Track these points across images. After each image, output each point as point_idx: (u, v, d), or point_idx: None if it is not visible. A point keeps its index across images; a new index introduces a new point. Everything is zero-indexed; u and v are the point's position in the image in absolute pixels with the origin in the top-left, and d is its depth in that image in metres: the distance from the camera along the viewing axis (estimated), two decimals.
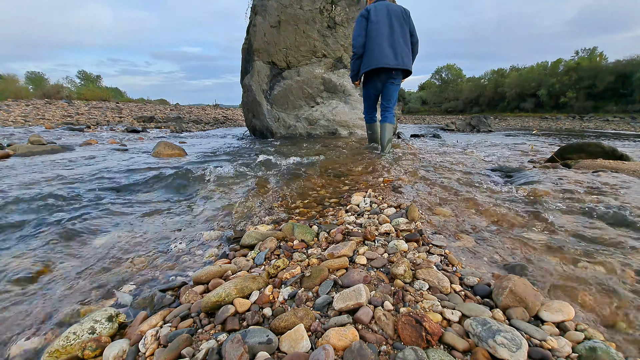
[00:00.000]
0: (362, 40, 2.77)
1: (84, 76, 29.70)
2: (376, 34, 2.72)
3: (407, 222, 1.26)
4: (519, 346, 0.61)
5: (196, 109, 19.27)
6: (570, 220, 1.45)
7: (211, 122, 11.50)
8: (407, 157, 3.12)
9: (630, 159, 2.89)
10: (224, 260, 1.16)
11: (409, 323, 0.67)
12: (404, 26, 2.83)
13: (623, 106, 24.39)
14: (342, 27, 5.33)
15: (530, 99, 31.16)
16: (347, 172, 2.42)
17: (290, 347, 0.66)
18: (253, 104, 5.43)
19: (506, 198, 1.79)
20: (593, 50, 29.68)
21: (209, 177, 2.34)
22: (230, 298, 0.83)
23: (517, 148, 5.19)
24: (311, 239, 1.24)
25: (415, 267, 0.95)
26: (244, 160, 3.05)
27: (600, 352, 0.62)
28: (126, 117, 11.33)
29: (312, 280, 0.91)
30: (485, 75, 38.84)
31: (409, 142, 5.26)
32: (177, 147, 3.81)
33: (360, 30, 2.76)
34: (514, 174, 2.41)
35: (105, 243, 1.36)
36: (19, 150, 3.53)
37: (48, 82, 23.17)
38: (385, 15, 2.75)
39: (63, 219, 1.57)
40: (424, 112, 40.55)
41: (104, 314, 0.83)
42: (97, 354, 0.74)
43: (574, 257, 1.12)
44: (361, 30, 2.76)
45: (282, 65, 5.30)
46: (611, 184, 1.96)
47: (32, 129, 6.75)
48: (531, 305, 0.77)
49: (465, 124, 12.17)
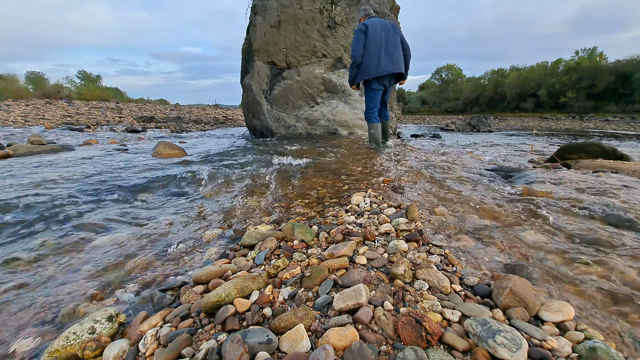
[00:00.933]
0: (361, 52, 3.21)
1: (84, 76, 29.68)
2: (374, 47, 3.18)
3: (407, 222, 1.26)
4: (519, 346, 0.61)
5: (196, 109, 19.27)
6: (570, 220, 1.45)
7: (211, 122, 11.50)
8: (407, 157, 3.12)
9: (630, 159, 2.89)
10: (224, 260, 1.16)
11: (409, 323, 0.67)
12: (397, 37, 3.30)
13: (623, 106, 24.38)
14: (342, 27, 5.33)
15: (530, 99, 31.15)
16: (347, 172, 2.42)
17: (290, 347, 0.66)
18: (253, 104, 5.43)
19: (506, 198, 1.79)
20: (593, 50, 29.66)
21: (209, 177, 2.34)
22: (230, 298, 0.83)
23: (517, 148, 5.19)
24: (311, 239, 1.24)
25: (415, 267, 0.95)
26: (243, 160, 3.05)
27: (600, 352, 0.62)
28: (126, 117, 11.33)
29: (312, 280, 0.91)
30: (485, 75, 38.83)
31: (409, 142, 5.26)
32: (177, 147, 3.81)
33: (359, 43, 3.19)
34: (514, 174, 2.41)
35: (105, 243, 1.36)
36: (19, 151, 3.53)
37: (48, 82, 23.16)
38: (380, 29, 3.21)
39: (62, 219, 1.57)
40: (424, 112, 40.54)
41: (104, 314, 0.83)
42: (97, 354, 0.74)
43: (574, 257, 1.12)
44: (360, 43, 3.19)
45: (282, 65, 5.30)
46: (611, 184, 1.96)
47: (32, 129, 6.75)
48: (531, 305, 0.77)
49: (465, 124, 12.17)
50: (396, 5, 6.23)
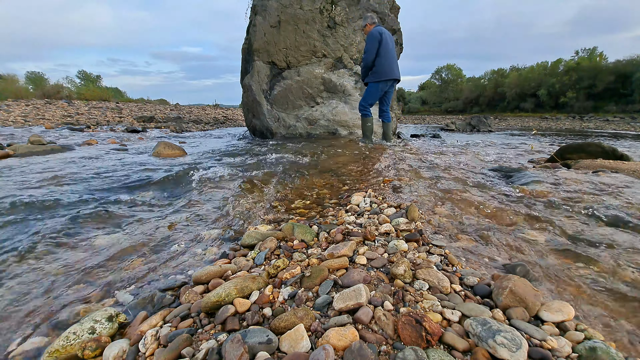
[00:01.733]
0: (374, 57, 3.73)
1: (84, 76, 29.64)
2: (385, 53, 3.72)
3: (407, 222, 1.26)
4: (519, 346, 0.61)
5: (196, 109, 19.26)
6: (570, 220, 1.45)
7: (211, 122, 11.49)
8: (407, 157, 3.13)
9: (630, 159, 2.89)
10: (224, 260, 1.16)
11: (409, 323, 0.67)
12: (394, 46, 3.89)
13: (623, 106, 24.37)
14: (342, 27, 5.33)
15: (530, 99, 31.14)
16: (347, 172, 2.42)
17: (290, 347, 0.66)
18: (253, 104, 5.43)
19: (506, 198, 1.79)
20: (593, 50, 29.65)
21: (209, 177, 2.34)
22: (230, 298, 0.83)
23: (517, 148, 5.19)
24: (311, 239, 1.24)
25: (415, 267, 0.95)
26: (244, 160, 3.05)
27: (600, 352, 0.62)
28: (126, 117, 11.32)
29: (312, 280, 0.91)
30: (485, 75, 38.80)
31: (409, 142, 5.26)
32: (177, 147, 3.81)
33: (373, 49, 3.70)
34: (514, 174, 2.41)
35: (105, 243, 1.36)
36: (19, 151, 3.53)
37: (48, 82, 23.12)
38: (389, 39, 3.77)
39: (62, 219, 1.57)
40: (424, 112, 40.51)
41: (104, 313, 0.83)
42: (97, 354, 0.74)
43: (574, 257, 1.12)
44: (374, 49, 3.69)
45: (282, 65, 5.30)
46: (611, 184, 1.96)
47: (32, 129, 6.75)
48: (531, 305, 0.77)
49: (465, 124, 12.17)
50: (396, 5, 6.23)
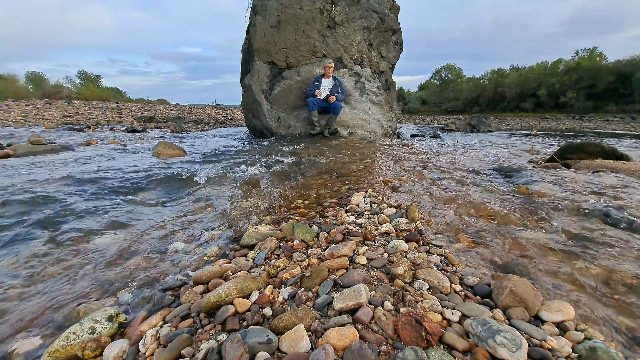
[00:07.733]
0: None
1: (84, 76, 29.63)
2: None
3: (407, 222, 1.26)
4: (519, 346, 0.61)
5: (196, 109, 19.25)
6: (570, 220, 1.45)
7: (211, 122, 11.49)
8: (407, 157, 3.13)
9: (630, 159, 2.89)
10: (224, 260, 1.16)
11: (409, 323, 0.67)
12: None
13: (623, 106, 24.35)
14: (342, 27, 5.33)
15: (530, 99, 31.12)
16: (347, 172, 2.42)
17: (290, 347, 0.66)
18: (253, 104, 5.43)
19: (506, 198, 1.79)
20: (593, 50, 29.62)
21: (209, 177, 2.34)
22: (230, 298, 0.83)
23: (517, 148, 5.19)
24: (311, 239, 1.24)
25: (415, 267, 0.95)
26: (243, 160, 3.05)
27: (600, 352, 0.62)
28: (126, 117, 11.32)
29: (312, 280, 0.91)
30: (485, 75, 38.76)
31: (409, 142, 5.26)
32: (177, 147, 3.81)
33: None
34: (514, 173, 2.41)
35: (105, 243, 1.36)
36: (19, 151, 3.53)
37: (48, 82, 23.11)
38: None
39: (62, 219, 1.57)
40: (424, 112, 40.50)
41: (104, 314, 0.83)
42: (97, 354, 0.74)
43: (574, 257, 1.12)
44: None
45: (282, 65, 5.30)
46: (611, 184, 1.96)
47: (32, 129, 6.74)
48: (531, 305, 0.77)
49: (465, 124, 12.17)
50: (396, 5, 6.23)
